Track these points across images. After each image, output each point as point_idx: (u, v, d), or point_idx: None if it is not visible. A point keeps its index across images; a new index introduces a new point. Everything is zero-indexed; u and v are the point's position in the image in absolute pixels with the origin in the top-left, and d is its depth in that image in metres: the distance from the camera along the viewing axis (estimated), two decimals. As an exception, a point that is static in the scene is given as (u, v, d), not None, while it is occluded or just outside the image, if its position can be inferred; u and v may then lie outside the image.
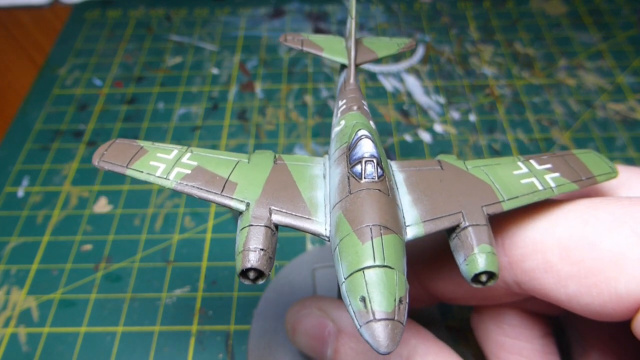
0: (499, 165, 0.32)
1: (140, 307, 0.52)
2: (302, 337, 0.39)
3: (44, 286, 0.54)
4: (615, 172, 0.32)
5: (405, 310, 0.25)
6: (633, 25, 0.83)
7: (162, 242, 0.57)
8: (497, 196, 0.30)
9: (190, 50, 0.82)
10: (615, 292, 0.28)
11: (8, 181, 0.64)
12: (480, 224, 0.28)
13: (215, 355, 0.49)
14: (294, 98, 0.74)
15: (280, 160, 0.33)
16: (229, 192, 0.31)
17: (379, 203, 0.28)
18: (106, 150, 0.34)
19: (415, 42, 0.43)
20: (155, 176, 0.33)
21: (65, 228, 0.59)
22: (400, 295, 0.25)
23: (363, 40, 0.44)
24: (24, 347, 0.50)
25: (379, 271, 0.25)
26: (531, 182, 0.31)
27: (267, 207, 0.30)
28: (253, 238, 0.28)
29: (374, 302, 0.24)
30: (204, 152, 0.34)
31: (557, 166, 0.32)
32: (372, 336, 0.24)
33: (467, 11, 0.88)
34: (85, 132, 0.70)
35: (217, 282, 0.54)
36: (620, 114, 0.70)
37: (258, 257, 0.28)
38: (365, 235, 0.26)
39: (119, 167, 0.34)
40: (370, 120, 0.35)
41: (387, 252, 0.26)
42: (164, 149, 0.34)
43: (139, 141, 0.34)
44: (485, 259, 0.27)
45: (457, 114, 0.71)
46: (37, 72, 0.80)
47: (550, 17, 0.86)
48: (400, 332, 0.24)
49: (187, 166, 0.33)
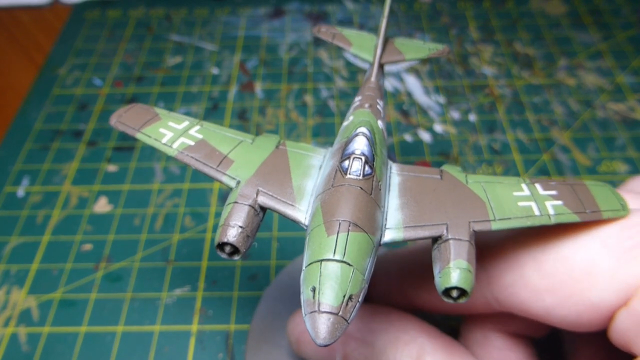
0: (500, 183, 0.31)
1: (140, 307, 0.52)
2: (308, 347, 0.39)
3: (44, 286, 0.54)
4: (626, 210, 0.30)
5: (355, 308, 0.25)
6: (633, 25, 0.83)
7: (162, 242, 0.57)
8: (488, 214, 0.29)
9: (190, 50, 0.82)
10: (590, 302, 0.29)
11: (8, 181, 0.64)
12: (462, 239, 0.28)
13: (215, 355, 0.49)
14: (294, 98, 0.74)
15: (283, 146, 0.34)
16: (223, 168, 0.32)
17: (356, 200, 0.28)
18: (125, 113, 0.36)
19: (448, 50, 0.43)
20: (160, 143, 0.34)
21: (65, 228, 0.59)
22: (351, 293, 0.25)
23: (394, 41, 0.44)
24: (24, 347, 0.50)
25: (335, 265, 0.25)
26: (529, 206, 0.30)
27: (255, 187, 0.31)
28: (235, 214, 0.29)
29: (322, 294, 0.24)
30: (212, 127, 0.35)
31: (563, 194, 0.30)
32: (312, 326, 0.24)
33: (467, 11, 0.88)
34: (85, 132, 0.70)
35: (217, 282, 0.54)
36: (620, 114, 0.70)
37: (235, 233, 0.29)
38: (332, 229, 0.26)
39: (131, 129, 0.35)
40: (380, 119, 0.35)
41: (350, 249, 0.26)
42: (176, 119, 0.36)
43: (156, 108, 0.36)
44: (459, 275, 0.26)
45: (457, 114, 0.71)
46: (37, 72, 0.80)
47: (550, 17, 0.86)
48: (342, 328, 0.24)
49: (192, 138, 0.34)
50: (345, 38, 0.45)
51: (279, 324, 0.48)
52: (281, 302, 0.49)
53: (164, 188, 0.63)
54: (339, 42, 0.45)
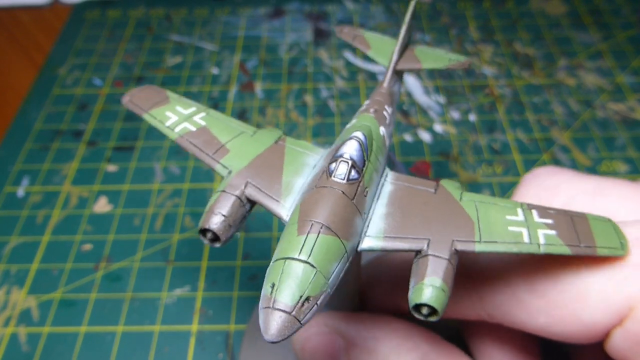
0: (495, 205, 0.30)
1: (140, 307, 0.52)
2: (313, 355, 0.39)
3: (44, 286, 0.54)
4: (625, 250, 0.28)
5: (311, 310, 0.25)
6: (633, 25, 0.83)
7: (162, 242, 0.58)
8: (474, 235, 0.28)
9: (190, 50, 0.82)
10: (582, 322, 0.29)
11: (8, 181, 0.64)
12: (441, 257, 0.27)
13: (215, 355, 0.49)
14: (294, 98, 0.74)
15: (282, 142, 0.34)
16: (218, 156, 0.33)
17: (334, 203, 0.28)
18: (137, 93, 0.37)
19: (469, 63, 0.42)
20: (164, 125, 0.35)
21: (65, 228, 0.59)
22: (309, 295, 0.25)
23: (415, 48, 0.43)
24: (24, 346, 0.50)
25: (298, 265, 0.25)
26: (519, 232, 0.28)
27: (245, 179, 0.31)
28: (220, 203, 0.30)
29: (279, 291, 0.24)
30: (217, 116, 0.36)
31: (559, 224, 0.29)
32: (263, 321, 0.24)
33: (467, 11, 0.88)
34: (85, 132, 0.70)
35: (217, 282, 0.54)
36: (620, 114, 0.70)
37: (217, 221, 0.29)
38: (303, 228, 0.26)
39: (139, 109, 0.36)
40: (383, 126, 0.35)
41: (316, 251, 0.26)
42: (185, 104, 0.36)
43: (168, 91, 0.37)
44: (430, 292, 0.26)
45: (457, 114, 0.71)
46: (37, 72, 0.80)
47: (550, 17, 0.86)
48: (293, 329, 0.24)
49: (195, 124, 0.35)
50: (365, 40, 0.45)
51: None
52: None
53: (164, 188, 0.63)
54: (358, 44, 0.44)
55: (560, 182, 0.38)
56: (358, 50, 0.81)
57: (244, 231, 0.58)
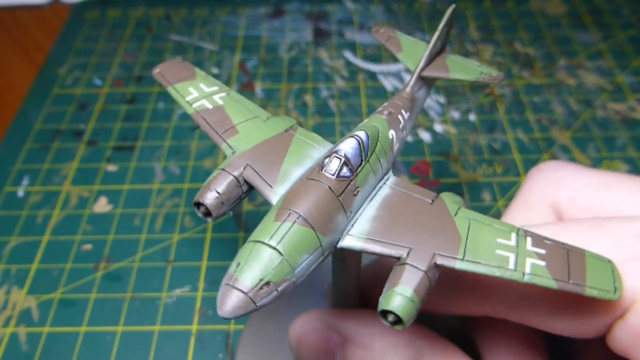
0: (489, 226, 0.29)
1: (140, 307, 0.52)
2: (308, 352, 0.39)
3: (44, 286, 0.54)
4: (617, 295, 0.27)
5: (269, 296, 0.25)
6: (633, 25, 0.83)
7: (162, 242, 0.57)
8: (458, 252, 0.28)
9: (190, 50, 0.82)
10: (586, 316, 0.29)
11: (8, 181, 0.64)
12: (418, 268, 0.27)
13: (215, 355, 0.49)
14: (294, 98, 0.74)
15: (293, 131, 0.35)
16: (226, 136, 0.34)
17: (317, 197, 0.28)
18: (168, 66, 0.39)
19: (502, 78, 0.40)
20: (184, 100, 0.37)
21: (65, 228, 0.59)
22: (270, 280, 0.25)
23: (448, 56, 0.42)
24: (24, 346, 0.50)
25: (265, 249, 0.26)
26: (506, 256, 0.28)
27: (245, 161, 0.32)
28: (217, 180, 0.31)
29: (241, 271, 0.25)
30: (236, 98, 0.37)
31: (552, 256, 0.28)
32: (220, 297, 0.25)
33: (467, 11, 0.88)
34: (85, 132, 0.70)
35: (217, 282, 0.54)
36: (620, 114, 0.70)
37: (211, 197, 0.30)
38: (280, 216, 0.27)
39: (166, 82, 0.38)
40: (394, 129, 0.35)
41: (287, 239, 0.26)
42: (209, 82, 0.38)
43: (197, 68, 0.39)
44: (399, 301, 0.26)
45: (457, 114, 0.71)
46: (37, 72, 0.80)
47: (550, 16, 0.86)
48: (247, 309, 0.25)
49: (213, 102, 0.36)
50: (398, 43, 0.44)
51: (275, 323, 0.48)
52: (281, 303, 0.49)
53: (164, 188, 0.63)
54: (390, 45, 0.44)
55: (566, 175, 0.38)
56: (358, 50, 0.81)
57: (244, 231, 0.58)
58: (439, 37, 0.41)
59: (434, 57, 0.42)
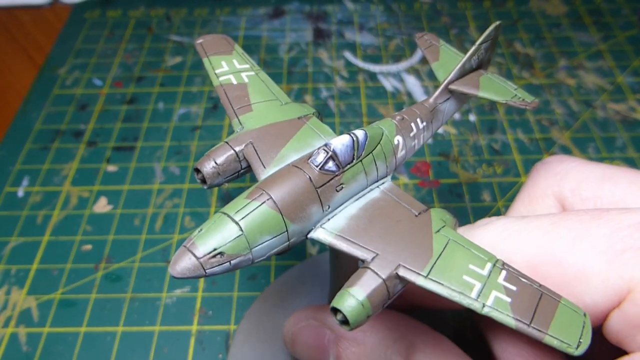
0: (466, 250, 0.29)
1: (140, 307, 0.52)
2: (302, 348, 0.40)
3: (44, 286, 0.54)
4: (579, 351, 0.26)
5: (219, 266, 0.26)
6: (633, 25, 0.83)
7: (162, 242, 0.57)
8: (424, 268, 0.27)
9: (190, 50, 0.82)
10: (584, 304, 0.30)
11: (8, 181, 0.64)
12: (378, 275, 0.27)
13: (215, 355, 0.49)
14: (294, 98, 0.74)
15: (305, 120, 0.36)
16: (240, 112, 0.35)
17: (293, 184, 0.28)
18: (209, 38, 0.40)
19: (536, 105, 0.39)
20: (213, 71, 0.38)
21: (65, 228, 0.59)
22: (224, 251, 0.26)
23: (485, 74, 0.41)
24: (24, 347, 0.50)
25: (227, 222, 0.27)
26: (472, 284, 0.27)
27: (250, 139, 0.33)
28: (218, 151, 0.32)
29: (199, 237, 0.26)
30: (263, 78, 0.38)
31: (521, 294, 0.27)
32: (175, 256, 0.26)
33: (467, 11, 0.88)
34: (85, 132, 0.70)
35: (217, 282, 0.54)
36: (620, 114, 0.70)
37: (209, 165, 0.32)
38: (253, 194, 0.28)
39: (203, 52, 0.39)
40: (402, 135, 0.34)
41: (252, 217, 0.27)
42: (242, 59, 0.39)
43: (236, 45, 0.40)
44: (349, 302, 0.26)
45: (457, 114, 0.70)
46: (37, 72, 0.80)
47: (550, 17, 0.86)
48: (196, 273, 0.26)
49: (239, 79, 0.38)
50: (437, 52, 0.43)
51: (269, 322, 0.48)
52: (277, 303, 0.49)
53: (164, 188, 0.63)
54: (428, 53, 0.43)
55: (570, 168, 0.38)
56: (358, 51, 0.81)
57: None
58: (475, 52, 0.40)
59: (467, 72, 0.40)
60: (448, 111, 0.40)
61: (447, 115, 0.40)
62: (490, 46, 0.41)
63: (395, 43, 0.82)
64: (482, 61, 0.41)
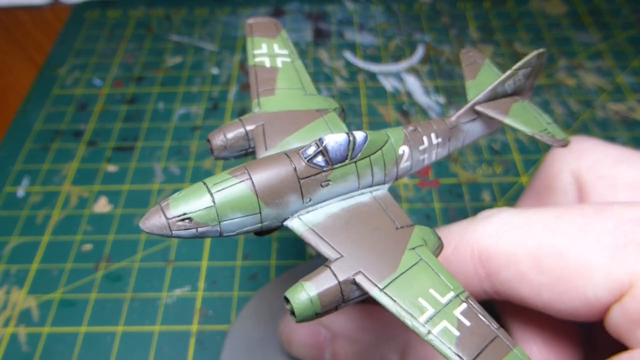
0: (435, 275, 0.28)
1: (140, 307, 0.52)
2: (298, 347, 0.40)
3: (44, 286, 0.54)
4: None
5: (186, 230, 0.27)
6: (633, 25, 0.83)
7: (162, 242, 0.57)
8: (383, 281, 0.27)
9: (190, 50, 0.82)
10: (585, 298, 0.30)
11: (8, 181, 0.64)
12: (335, 275, 0.27)
13: (215, 355, 0.49)
14: (294, 98, 0.74)
15: (324, 113, 0.35)
16: (262, 94, 0.36)
17: (278, 171, 0.29)
18: (260, 20, 0.41)
19: (566, 143, 0.36)
20: (252, 52, 0.39)
21: (65, 228, 0.59)
22: (192, 217, 0.27)
23: (520, 101, 0.39)
24: (24, 347, 0.50)
25: (202, 191, 0.28)
26: (425, 308, 0.27)
27: (263, 121, 0.34)
28: (232, 127, 0.34)
29: (174, 199, 0.28)
30: (297, 66, 0.39)
31: (473, 332, 0.26)
32: (149, 212, 0.28)
33: (467, 11, 0.88)
34: (85, 132, 0.70)
35: (217, 282, 0.54)
36: (620, 114, 0.70)
37: (219, 138, 0.33)
38: (236, 172, 0.29)
39: (249, 33, 0.40)
40: (409, 146, 0.34)
41: (226, 193, 0.28)
42: (283, 45, 0.40)
43: (283, 31, 0.41)
44: (300, 296, 0.27)
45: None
46: (37, 72, 0.80)
47: (550, 17, 0.86)
48: (162, 232, 0.27)
49: (273, 62, 0.38)
50: (476, 70, 0.41)
51: (263, 321, 0.48)
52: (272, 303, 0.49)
53: (164, 188, 0.63)
54: (467, 70, 0.41)
55: (588, 147, 0.39)
56: (358, 51, 0.81)
57: (244, 231, 0.58)
58: (510, 76, 0.38)
59: (500, 96, 0.39)
60: (471, 133, 0.38)
61: (469, 137, 0.39)
62: (531, 73, 0.39)
63: (395, 43, 0.82)
64: (520, 88, 0.40)
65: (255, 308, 0.49)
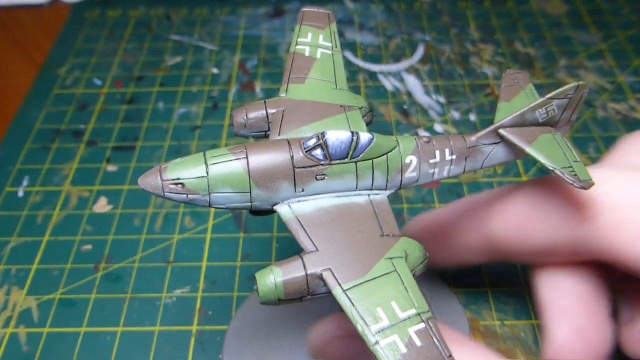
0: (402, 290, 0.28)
1: (140, 307, 0.52)
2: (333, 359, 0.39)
3: (44, 286, 0.54)
4: None
5: (177, 194, 0.29)
6: (633, 25, 0.83)
7: (162, 242, 0.57)
8: (348, 283, 0.27)
9: (190, 50, 0.82)
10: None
11: (8, 181, 0.64)
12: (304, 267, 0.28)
13: (215, 356, 0.49)
14: (294, 98, 0.74)
15: (347, 110, 0.35)
16: (292, 81, 0.37)
17: (275, 156, 0.30)
18: (316, 10, 0.42)
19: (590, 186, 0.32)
20: (296, 39, 0.40)
21: (65, 228, 0.59)
22: (185, 183, 0.29)
23: (550, 133, 0.37)
24: (24, 347, 0.50)
25: (199, 162, 0.30)
26: (380, 319, 0.26)
27: (284, 106, 0.34)
28: (254, 107, 0.34)
29: (172, 164, 0.30)
30: (337, 61, 0.39)
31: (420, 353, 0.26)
32: (149, 170, 0.30)
33: (468, 10, 0.88)
34: (85, 132, 0.70)
35: (217, 282, 0.54)
36: (620, 114, 0.69)
37: (240, 116, 0.34)
38: (235, 149, 0.30)
39: (300, 22, 0.41)
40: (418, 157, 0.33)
41: (221, 167, 0.29)
42: (329, 37, 0.40)
43: (333, 25, 0.41)
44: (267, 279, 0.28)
45: (457, 114, 0.70)
46: (37, 72, 0.80)
47: (550, 16, 0.86)
48: (155, 191, 0.30)
49: (313, 52, 0.39)
50: (514, 94, 0.39)
51: (261, 319, 0.48)
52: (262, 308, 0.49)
53: (164, 188, 0.63)
54: (505, 91, 0.39)
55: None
56: (358, 50, 0.81)
57: (244, 232, 0.58)
58: (542, 105, 0.36)
59: (529, 124, 0.37)
60: (492, 156, 0.37)
61: (490, 160, 0.37)
62: (568, 106, 0.37)
63: (395, 42, 0.82)
64: (554, 119, 0.37)
65: (255, 306, 0.49)
